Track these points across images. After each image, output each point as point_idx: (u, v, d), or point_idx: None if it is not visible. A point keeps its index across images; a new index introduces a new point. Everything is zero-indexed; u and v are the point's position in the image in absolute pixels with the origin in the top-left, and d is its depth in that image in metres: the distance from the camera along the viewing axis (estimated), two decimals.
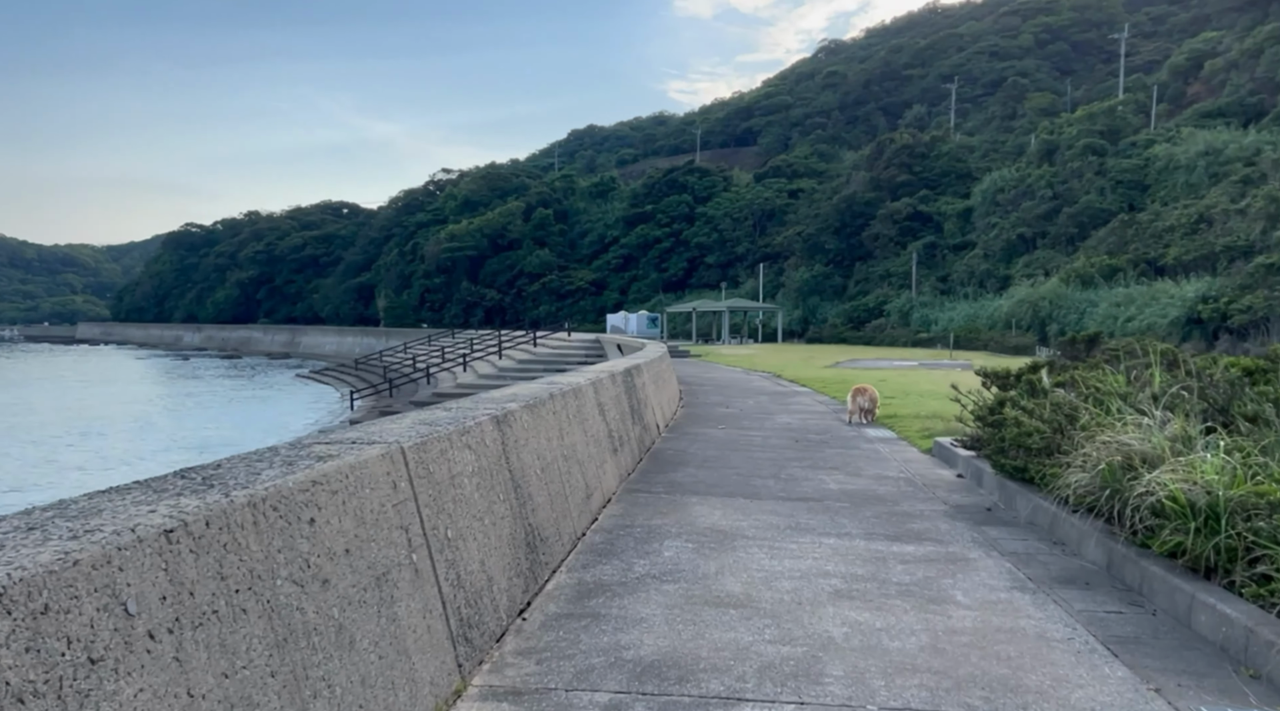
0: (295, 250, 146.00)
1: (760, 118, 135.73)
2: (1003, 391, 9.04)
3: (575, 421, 7.01)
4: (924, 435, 12.26)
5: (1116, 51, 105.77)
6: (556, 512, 5.79)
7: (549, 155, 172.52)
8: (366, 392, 48.84)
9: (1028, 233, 66.68)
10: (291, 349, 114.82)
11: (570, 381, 7.57)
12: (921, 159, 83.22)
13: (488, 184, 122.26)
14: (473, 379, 39.86)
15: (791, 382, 24.61)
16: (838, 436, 12.54)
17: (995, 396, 8.63)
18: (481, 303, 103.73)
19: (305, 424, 36.85)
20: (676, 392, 18.06)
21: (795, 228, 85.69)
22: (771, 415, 15.35)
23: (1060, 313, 53.26)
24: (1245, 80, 76.52)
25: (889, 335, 64.01)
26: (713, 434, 12.50)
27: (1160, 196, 59.94)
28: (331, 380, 67.91)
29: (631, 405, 10.12)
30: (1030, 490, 7.23)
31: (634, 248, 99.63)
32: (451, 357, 49.79)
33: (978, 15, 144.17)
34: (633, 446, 9.54)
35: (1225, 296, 39.59)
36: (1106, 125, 70.47)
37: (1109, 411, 6.79)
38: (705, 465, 9.65)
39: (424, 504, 3.78)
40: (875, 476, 9.20)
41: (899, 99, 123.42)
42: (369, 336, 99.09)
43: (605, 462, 7.82)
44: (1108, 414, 6.79)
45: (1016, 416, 7.45)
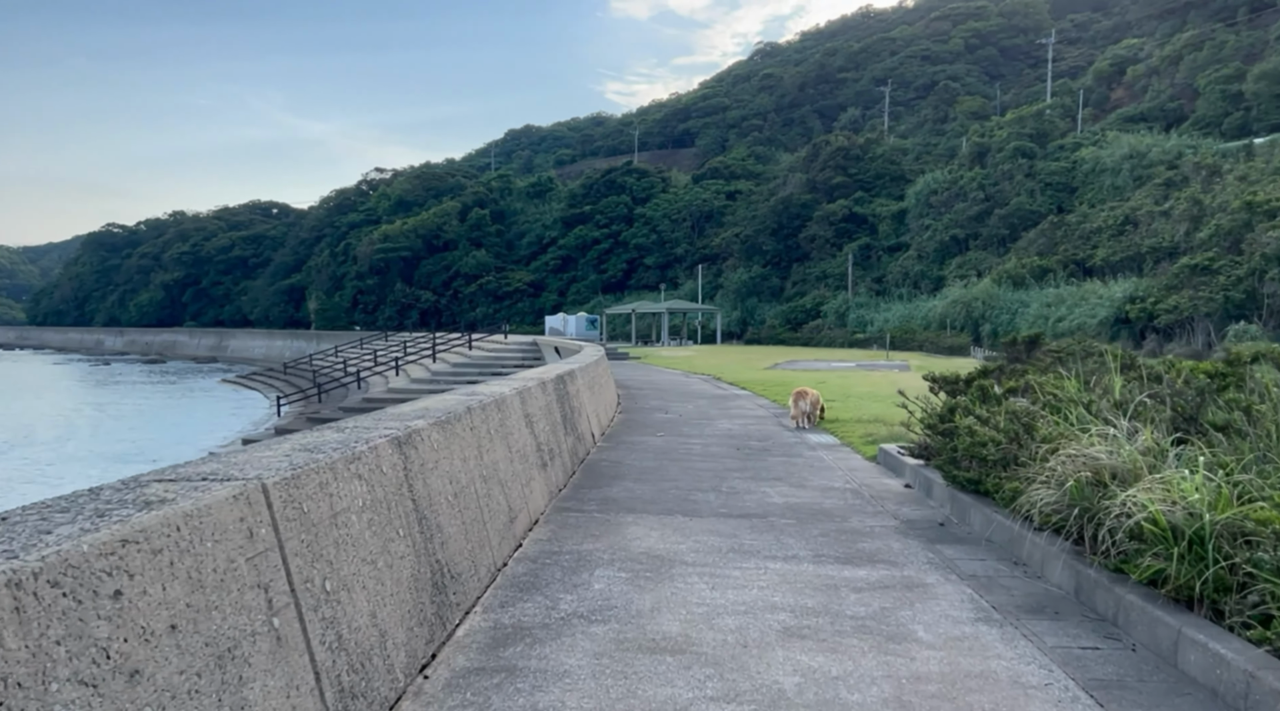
0: (223, 251, 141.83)
1: (697, 119, 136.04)
2: (952, 397, 8.63)
3: (498, 436, 6.35)
4: (868, 441, 11.86)
5: (1043, 57, 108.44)
6: (472, 543, 5.13)
7: (485, 155, 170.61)
8: (295, 398, 47.29)
9: (960, 234, 67.72)
10: (219, 352, 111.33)
11: (493, 391, 6.91)
12: (856, 161, 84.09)
13: (422, 184, 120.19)
14: (405, 383, 38.74)
15: (731, 385, 24.20)
16: (780, 443, 12.08)
17: (945, 403, 8.21)
18: (416, 304, 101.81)
19: (228, 432, 35.35)
20: (614, 398, 17.46)
21: (733, 229, 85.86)
22: (712, 421, 14.85)
23: (993, 313, 54.08)
24: (1166, 86, 79.00)
25: (826, 336, 64.38)
26: (651, 442, 11.93)
27: (1087, 198, 61.34)
28: (259, 385, 65.91)
29: (564, 414, 9.48)
30: (985, 504, 6.79)
31: (572, 249, 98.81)
32: (384, 361, 48.48)
33: (909, 20, 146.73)
34: (565, 459, 8.90)
35: (1152, 297, 40.47)
36: (1035, 129, 71.98)
37: (1068, 420, 6.37)
38: (642, 478, 9.06)
39: (293, 552, 3.10)
40: (820, 488, 8.71)
41: (834, 102, 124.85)
42: (299, 339, 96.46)
43: (533, 480, 7.18)
44: (1067, 423, 6.38)
45: (970, 425, 7.02)
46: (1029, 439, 6.49)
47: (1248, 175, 47.05)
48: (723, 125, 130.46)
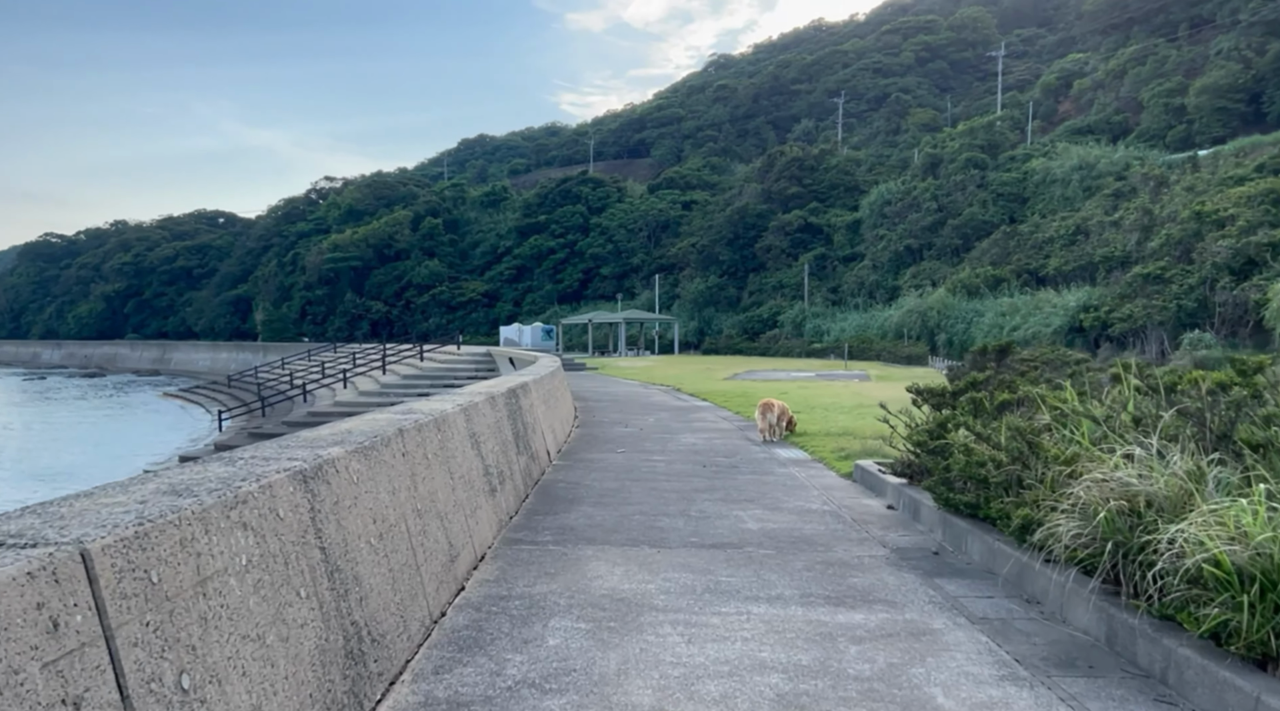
0: (167, 261, 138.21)
1: (652, 129, 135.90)
2: (938, 411, 7.97)
3: (437, 461, 5.51)
4: (841, 456, 11.18)
5: (992, 70, 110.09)
6: (401, 593, 4.28)
7: (438, 164, 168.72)
8: (238, 412, 45.70)
9: (914, 244, 68.03)
10: (161, 365, 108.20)
11: (433, 409, 6.05)
12: (811, 172, 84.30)
13: (373, 192, 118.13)
14: (352, 396, 37.48)
15: (692, 397, 23.49)
16: (749, 459, 11.34)
17: (934, 417, 7.53)
18: (367, 315, 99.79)
19: (165, 448, 33.76)
20: (571, 411, 16.62)
21: (689, 239, 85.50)
22: (675, 435, 14.08)
23: (948, 322, 54.20)
24: (1111, 99, 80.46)
25: (783, 346, 64.13)
26: (611, 460, 11.11)
27: (1039, 209, 61.95)
28: (202, 398, 63.94)
29: (516, 432, 8.64)
30: (986, 531, 6.10)
31: (527, 258, 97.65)
32: (332, 373, 47.01)
33: (860, 33, 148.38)
34: (517, 482, 8.05)
35: (1105, 306, 40.69)
36: (986, 140, 72.73)
37: (1079, 438, 5.71)
38: (603, 501, 8.24)
39: (130, 642, 2.25)
40: (798, 510, 7.98)
41: (787, 113, 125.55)
42: (245, 351, 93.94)
43: (479, 508, 6.33)
44: (1079, 441, 5.72)
45: (967, 443, 6.33)
46: (1034, 459, 5.81)
47: (1194, 186, 47.72)
48: (678, 136, 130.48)
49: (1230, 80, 66.51)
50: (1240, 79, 66.46)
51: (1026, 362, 14.07)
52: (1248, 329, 33.70)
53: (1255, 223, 36.75)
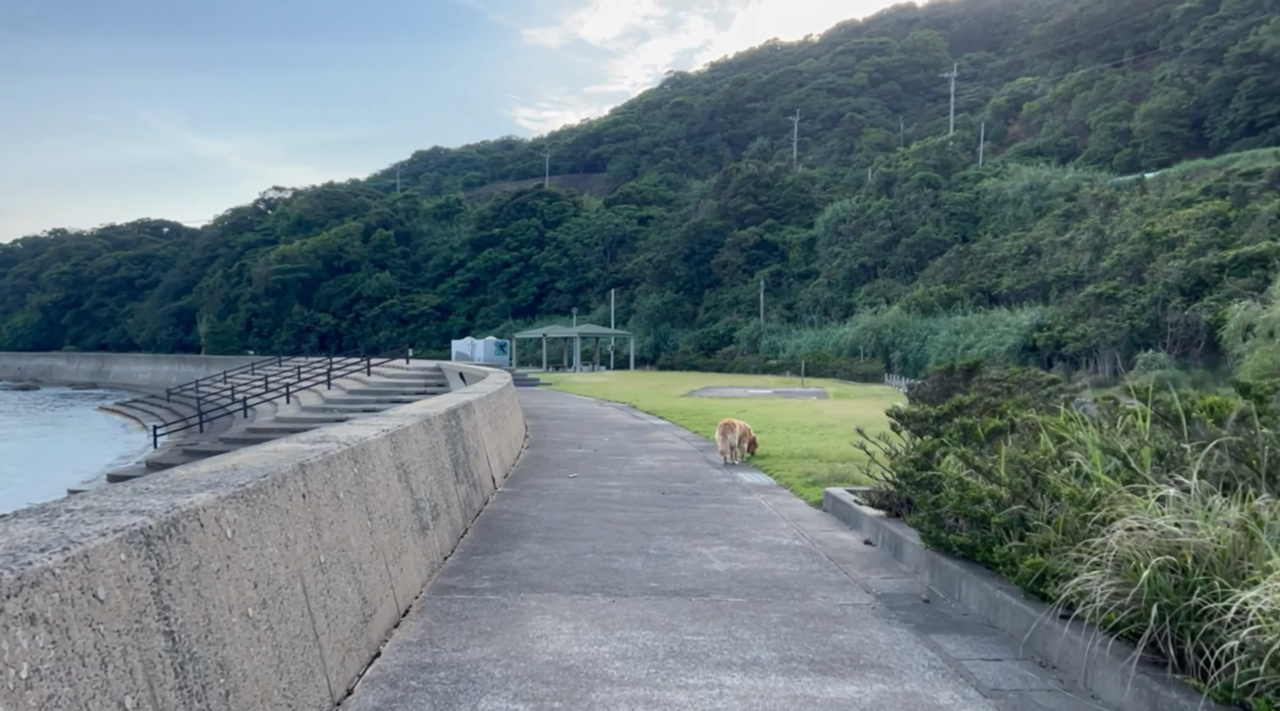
0: (107, 271, 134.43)
1: (609, 145, 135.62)
2: (920, 436, 7.27)
3: (352, 500, 4.64)
4: (808, 482, 10.46)
5: (943, 92, 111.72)
6: (291, 676, 3.41)
7: (391, 176, 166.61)
8: (176, 427, 43.97)
9: (869, 262, 68.27)
10: (100, 378, 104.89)
11: (352, 437, 5.18)
12: (767, 189, 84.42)
13: (324, 203, 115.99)
14: (295, 412, 36.10)
15: (649, 415, 22.71)
16: (710, 484, 10.57)
17: (920, 445, 6.82)
18: (315, 328, 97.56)
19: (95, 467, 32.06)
20: (521, 430, 15.73)
21: (646, 254, 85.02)
22: (631, 457, 13.27)
23: (902, 340, 54.23)
24: (1059, 122, 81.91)
25: (739, 362, 63.75)
26: (562, 486, 10.26)
27: (991, 228, 62.50)
28: (139, 413, 61.79)
29: (456, 458, 7.77)
30: (984, 577, 5.39)
31: (481, 271, 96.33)
32: (275, 388, 45.45)
33: (815, 54, 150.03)
34: (454, 515, 7.18)
35: (1059, 325, 40.84)
36: (939, 160, 73.42)
37: (1095, 475, 5.03)
38: (551, 536, 7.39)
39: None
40: (768, 546, 7.21)
41: (743, 131, 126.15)
42: (187, 364, 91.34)
43: (405, 552, 5.46)
44: (1093, 478, 5.03)
45: (960, 476, 5.62)
46: (1040, 496, 5.12)
47: (1143, 207, 48.37)
48: (634, 151, 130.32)
49: (1174, 105, 68.01)
50: (1183, 104, 68.00)
51: (997, 383, 13.53)
52: (1199, 349, 33.93)
53: (1204, 244, 37.17)
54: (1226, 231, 38.46)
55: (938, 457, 6.42)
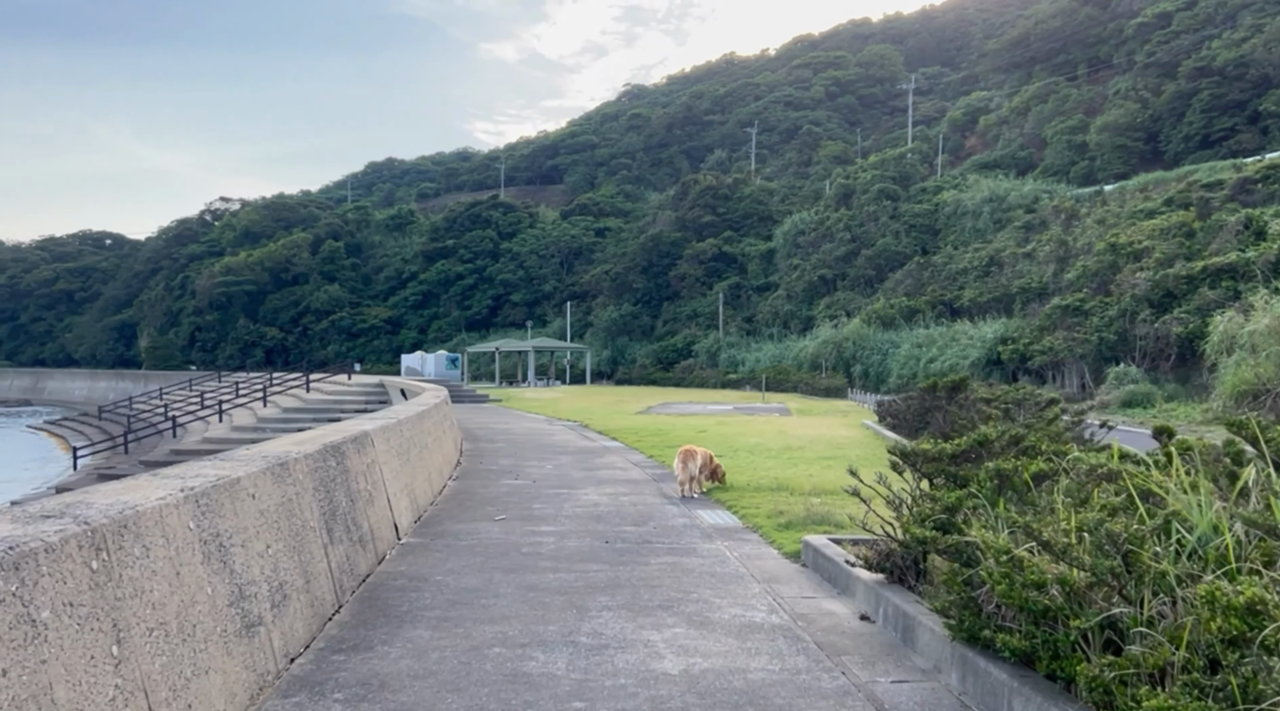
0: (45, 284, 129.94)
1: (566, 156, 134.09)
2: (929, 481, 5.64)
3: (76, 620, 2.87)
4: (780, 524, 8.79)
5: (899, 106, 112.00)
6: None
7: (343, 187, 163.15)
8: (102, 447, 41.37)
9: (828, 274, 67.35)
10: (34, 395, 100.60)
11: (114, 506, 3.39)
12: (725, 201, 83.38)
13: (272, 214, 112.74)
14: (225, 431, 33.88)
15: (600, 435, 20.96)
16: (665, 527, 8.86)
17: (942, 497, 5.14)
18: (261, 342, 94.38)
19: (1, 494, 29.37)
20: (452, 457, 13.91)
21: (603, 266, 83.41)
22: (574, 489, 11.52)
23: (864, 353, 53.16)
24: (1016, 135, 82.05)
25: (698, 376, 62.26)
26: (484, 533, 8.47)
27: (951, 240, 61.89)
28: (68, 431, 58.90)
29: (332, 509, 5.98)
30: (1051, 696, 3.73)
31: (434, 284, 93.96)
32: (210, 405, 42.99)
33: (772, 67, 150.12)
34: (319, 591, 5.38)
35: (1024, 338, 39.89)
36: (897, 172, 72.91)
37: (1199, 552, 3.41)
38: (451, 616, 5.62)
39: None
40: (737, 625, 5.52)
41: (701, 143, 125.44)
42: (125, 380, 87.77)
43: (206, 672, 3.66)
44: (1192, 553, 3.42)
45: (1015, 552, 3.97)
46: (1130, 580, 3.50)
47: (1105, 218, 47.85)
48: (591, 163, 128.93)
49: (1129, 119, 68.22)
50: (1138, 118, 68.23)
51: (990, 403, 12.02)
52: (1169, 362, 33.06)
53: (1171, 255, 36.45)
54: (1192, 242, 37.83)
55: (968, 516, 4.78)
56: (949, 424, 12.56)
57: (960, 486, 5.25)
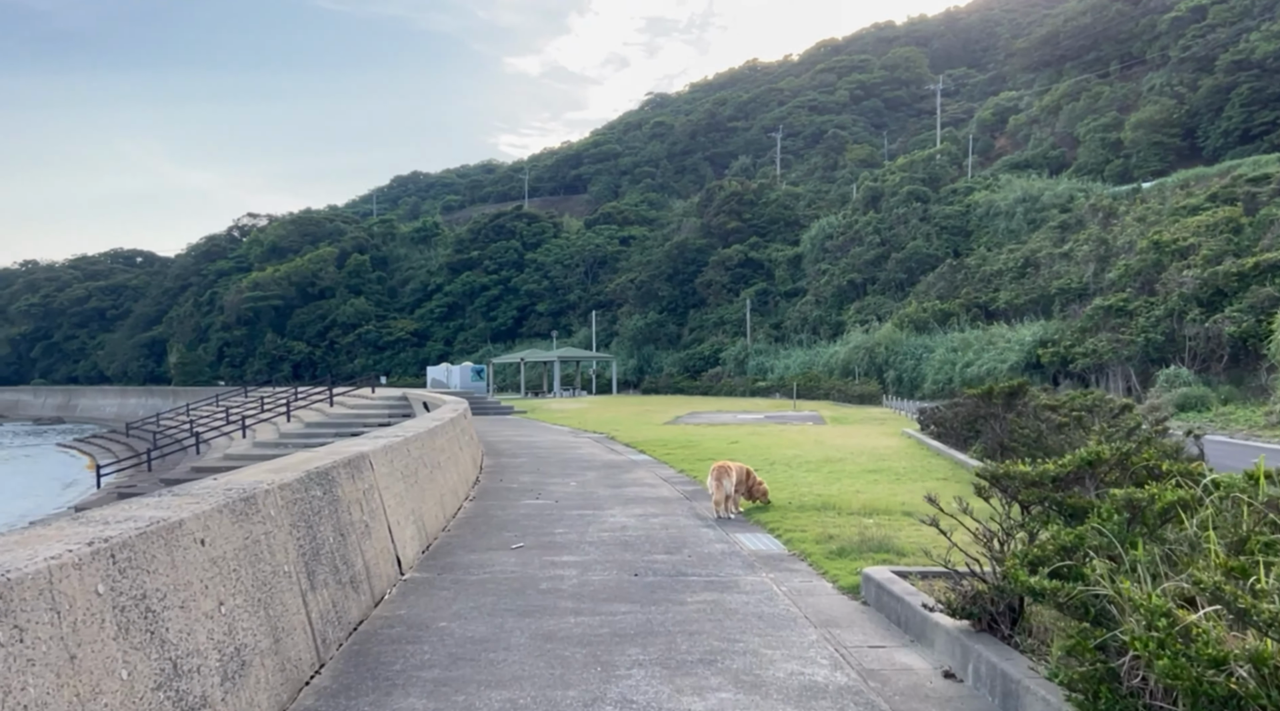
0: (78, 302, 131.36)
1: (589, 166, 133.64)
2: (1028, 509, 4.65)
3: None
4: (831, 550, 7.81)
5: (925, 108, 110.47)
6: None
7: (369, 201, 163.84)
8: (126, 464, 41.12)
9: (858, 278, 66.06)
10: (66, 412, 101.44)
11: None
12: (751, 206, 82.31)
13: (299, 229, 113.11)
14: (246, 447, 33.39)
15: (628, 448, 20.03)
16: (701, 556, 7.91)
17: (1058, 535, 4.13)
18: (288, 357, 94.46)
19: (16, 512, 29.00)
20: (470, 474, 13.05)
21: (628, 274, 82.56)
22: (600, 510, 10.60)
23: (897, 359, 51.84)
24: (1047, 134, 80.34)
25: (726, 384, 61.16)
26: (498, 565, 7.57)
27: (984, 241, 60.44)
28: (96, 448, 59.02)
29: (315, 548, 5.11)
30: None
31: (460, 295, 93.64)
32: (235, 420, 42.61)
33: (795, 73, 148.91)
34: (293, 651, 4.49)
35: (1065, 340, 38.48)
36: (926, 173, 71.51)
37: None
38: (450, 679, 4.70)
39: None
40: (794, 687, 4.57)
41: (725, 150, 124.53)
42: (155, 396, 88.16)
43: None
44: None
45: (1177, 613, 2.99)
46: None
47: (1145, 216, 46.31)
48: (615, 172, 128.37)
49: (1165, 115, 66.48)
50: (1174, 114, 66.47)
51: (1056, 410, 10.95)
52: (1221, 363, 31.58)
53: (1219, 252, 34.96)
54: (1240, 238, 36.30)
55: (1089, 558, 3.80)
56: (1006, 434, 11.51)
57: (1071, 518, 4.27)
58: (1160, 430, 9.13)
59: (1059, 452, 9.42)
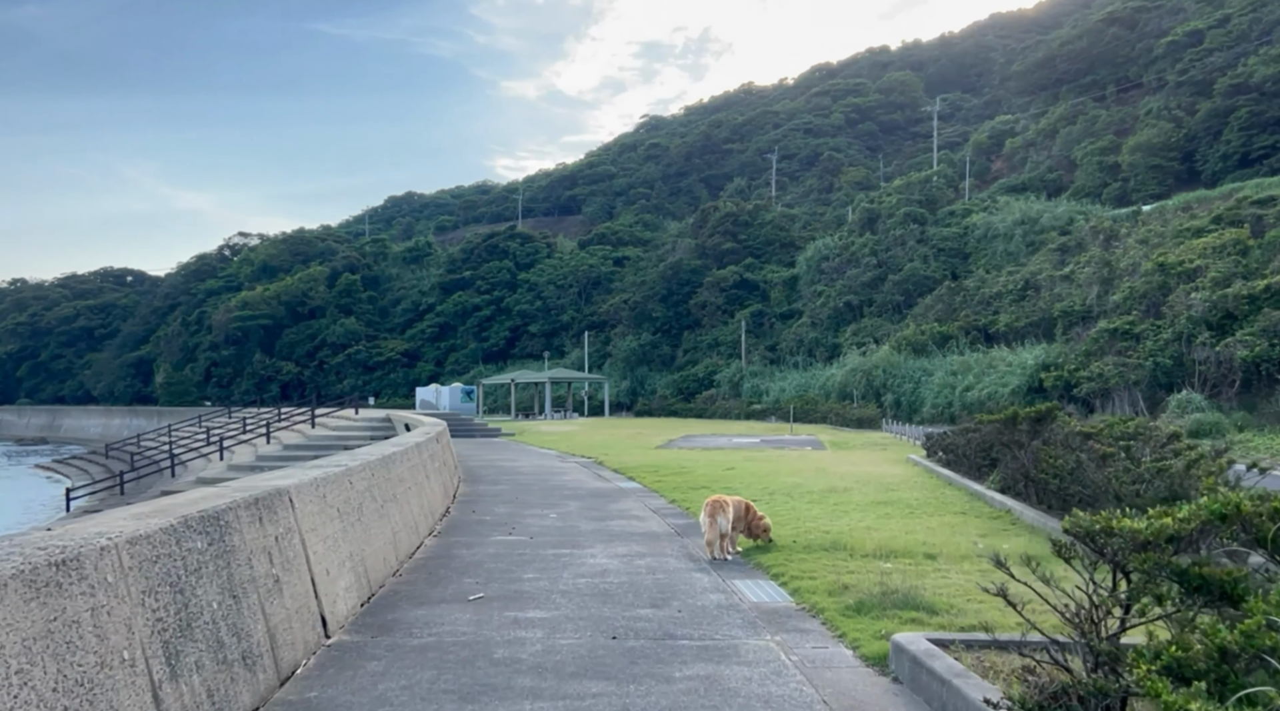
0: (66, 321, 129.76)
1: (584, 187, 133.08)
2: (1127, 575, 3.46)
3: None
4: (849, 606, 6.58)
5: (921, 131, 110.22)
6: None
7: (362, 221, 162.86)
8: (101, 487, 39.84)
9: (854, 300, 65.08)
10: (50, 433, 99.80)
11: None
12: (746, 227, 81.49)
13: (290, 248, 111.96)
14: (222, 470, 32.16)
15: (617, 474, 18.79)
16: (693, 610, 6.68)
17: (1218, 634, 2.91)
18: (277, 377, 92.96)
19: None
20: (439, 505, 11.81)
21: (622, 295, 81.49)
22: (578, 550, 9.36)
23: (895, 382, 50.67)
24: (1044, 158, 79.85)
25: (720, 407, 59.93)
26: (449, 626, 6.32)
27: (982, 263, 59.56)
28: (74, 470, 57.59)
29: (184, 621, 3.88)
30: None
31: (451, 316, 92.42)
32: (214, 442, 41.40)
33: (791, 96, 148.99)
34: None
35: (1069, 364, 37.39)
36: (923, 195, 70.81)
37: None
38: None
39: None
40: None
41: (720, 172, 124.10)
42: (139, 417, 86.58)
43: None
44: None
45: None
46: None
47: (1148, 238, 45.44)
48: (609, 193, 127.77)
49: (1163, 139, 65.99)
50: (1172, 138, 65.98)
51: (1090, 437, 9.75)
52: (1233, 388, 30.49)
53: (1228, 274, 33.98)
54: (1248, 260, 35.36)
55: (1249, 663, 2.61)
56: (1034, 464, 10.31)
57: (1196, 592, 3.08)
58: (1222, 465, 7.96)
59: (1103, 489, 8.23)
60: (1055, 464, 9.27)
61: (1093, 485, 8.20)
